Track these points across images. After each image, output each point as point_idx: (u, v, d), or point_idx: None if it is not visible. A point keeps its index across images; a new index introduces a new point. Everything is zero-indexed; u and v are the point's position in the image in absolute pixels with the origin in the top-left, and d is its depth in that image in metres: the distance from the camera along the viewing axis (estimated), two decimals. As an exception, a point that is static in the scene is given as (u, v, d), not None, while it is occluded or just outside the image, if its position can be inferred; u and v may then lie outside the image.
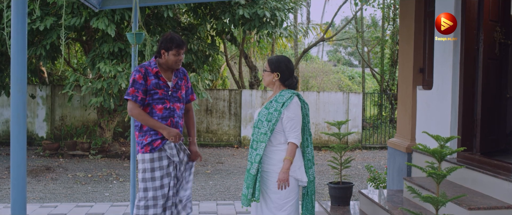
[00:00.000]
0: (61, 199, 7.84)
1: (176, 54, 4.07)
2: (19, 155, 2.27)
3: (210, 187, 8.91)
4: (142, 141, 4.07)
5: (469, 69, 5.09)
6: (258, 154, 3.73)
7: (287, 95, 3.77)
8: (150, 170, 4.03)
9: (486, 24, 5.00)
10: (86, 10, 9.81)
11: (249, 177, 3.76)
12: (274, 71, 3.86)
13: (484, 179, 4.43)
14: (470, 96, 5.10)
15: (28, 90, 13.62)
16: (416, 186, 4.84)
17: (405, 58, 6.18)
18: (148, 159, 4.03)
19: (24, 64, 2.30)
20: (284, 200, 3.74)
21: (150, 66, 4.09)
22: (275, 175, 3.73)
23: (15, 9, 2.30)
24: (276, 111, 3.72)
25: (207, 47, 11.69)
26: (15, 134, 2.28)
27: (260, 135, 3.74)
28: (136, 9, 5.52)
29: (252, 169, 3.74)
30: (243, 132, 14.69)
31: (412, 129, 5.95)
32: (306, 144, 3.90)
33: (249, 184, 3.76)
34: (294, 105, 3.75)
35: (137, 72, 4.05)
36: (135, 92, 4.00)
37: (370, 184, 6.74)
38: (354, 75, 28.67)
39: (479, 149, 4.99)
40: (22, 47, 2.28)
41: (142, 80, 4.01)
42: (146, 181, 4.03)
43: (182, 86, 4.24)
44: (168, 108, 4.08)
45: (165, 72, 4.14)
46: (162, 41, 4.10)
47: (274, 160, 3.74)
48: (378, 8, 16.54)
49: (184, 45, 4.13)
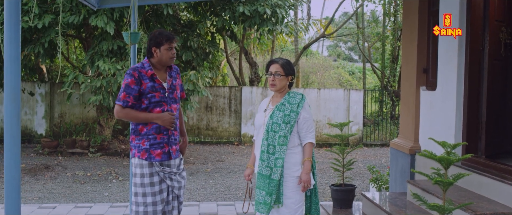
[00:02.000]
0: (60, 199, 7.77)
1: (169, 48, 3.90)
2: (13, 165, 2.21)
3: (210, 186, 8.84)
4: (139, 144, 3.91)
5: (474, 70, 5.00)
6: (278, 158, 3.66)
7: (299, 96, 3.76)
8: (148, 175, 3.89)
9: (491, 25, 4.90)
10: (85, 8, 9.71)
11: (272, 183, 3.66)
12: (288, 75, 3.82)
13: (490, 183, 4.35)
14: (475, 97, 5.01)
15: (27, 88, 13.54)
16: (420, 189, 4.76)
17: (408, 58, 6.09)
18: (146, 164, 3.89)
19: (18, 74, 2.22)
20: (297, 204, 3.72)
21: (144, 69, 3.89)
22: (290, 179, 3.69)
23: (8, 8, 2.23)
24: (293, 112, 3.69)
25: (207, 45, 11.60)
26: (8, 144, 2.21)
27: (280, 138, 3.67)
28: (134, 8, 5.43)
29: (275, 174, 3.65)
30: (244, 129, 14.61)
31: (416, 130, 5.86)
32: None
33: (271, 190, 3.66)
34: (308, 106, 3.78)
35: (130, 76, 3.84)
36: (126, 97, 3.82)
37: (372, 185, 6.66)
38: (354, 70, 28.59)
39: (484, 152, 4.90)
40: (15, 52, 2.20)
41: (135, 86, 3.82)
42: (144, 186, 3.88)
43: (177, 86, 4.09)
44: (166, 110, 3.93)
45: (159, 73, 3.96)
46: (151, 39, 3.92)
47: (289, 163, 3.70)
48: (379, 4, 16.44)
49: (174, 38, 3.97)
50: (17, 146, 2.22)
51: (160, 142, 3.90)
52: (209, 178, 9.56)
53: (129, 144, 4.13)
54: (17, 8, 2.19)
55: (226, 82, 18.12)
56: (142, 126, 3.91)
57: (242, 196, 8.06)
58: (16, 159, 2.21)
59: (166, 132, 3.94)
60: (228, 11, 10.75)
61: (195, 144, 14.30)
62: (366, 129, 15.42)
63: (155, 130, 3.90)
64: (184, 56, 10.91)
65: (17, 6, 2.21)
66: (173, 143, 4.00)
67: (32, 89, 13.66)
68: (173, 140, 4.01)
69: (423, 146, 5.73)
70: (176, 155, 4.02)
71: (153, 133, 3.89)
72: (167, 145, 3.94)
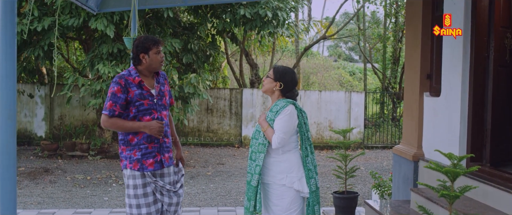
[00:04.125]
0: (59, 204, 7.70)
1: (157, 52, 3.80)
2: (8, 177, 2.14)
3: (211, 190, 8.77)
4: (130, 155, 3.79)
5: (479, 77, 4.93)
6: (257, 165, 3.68)
7: (281, 104, 3.69)
8: (141, 186, 3.77)
9: (496, 31, 4.84)
10: (85, 10, 9.64)
11: (250, 189, 3.72)
12: (277, 80, 3.75)
13: (495, 193, 4.28)
14: (480, 104, 4.94)
15: (27, 90, 13.48)
16: (424, 199, 4.70)
17: (411, 64, 6.02)
18: (138, 175, 3.77)
19: (14, 91, 2.15)
20: (285, 212, 3.66)
21: (130, 76, 3.77)
22: (275, 187, 3.68)
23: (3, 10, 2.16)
24: (270, 120, 3.68)
25: (207, 47, 11.52)
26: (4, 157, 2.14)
27: (258, 145, 3.70)
28: (135, 13, 5.36)
29: (253, 181, 3.69)
30: (244, 132, 14.54)
31: (419, 137, 5.79)
32: (306, 153, 3.76)
33: (250, 196, 3.72)
34: (286, 112, 3.65)
35: (116, 84, 3.71)
36: (113, 106, 3.71)
37: (374, 191, 6.59)
38: (354, 71, 28.50)
39: (489, 160, 4.84)
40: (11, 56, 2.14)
41: (122, 94, 3.70)
42: (138, 198, 3.76)
43: (165, 92, 3.98)
44: (156, 118, 3.82)
45: (146, 80, 3.85)
46: (138, 45, 3.80)
47: (273, 171, 3.69)
48: (380, 6, 16.36)
49: (161, 41, 3.88)
50: (13, 170, 2.15)
51: (151, 151, 3.80)
52: (209, 182, 9.49)
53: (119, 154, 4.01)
54: (12, 36, 2.11)
55: (227, 83, 18.05)
56: (132, 135, 3.79)
57: (243, 201, 7.99)
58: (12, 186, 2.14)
59: (157, 140, 3.83)
60: (229, 13, 10.67)
61: (196, 146, 14.24)
62: (367, 131, 15.35)
63: (146, 139, 3.79)
64: (184, 59, 10.83)
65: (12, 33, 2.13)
66: (165, 151, 3.89)
67: (32, 92, 13.59)
68: (165, 147, 3.89)
69: (426, 153, 5.67)
70: (169, 163, 3.92)
71: (144, 142, 3.79)
72: (158, 153, 3.84)
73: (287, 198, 3.64)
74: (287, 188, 3.64)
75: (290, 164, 3.67)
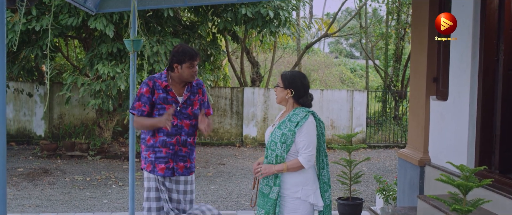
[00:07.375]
0: (58, 207, 7.58)
1: (190, 66, 3.85)
2: None
3: (212, 192, 8.66)
4: (146, 156, 3.94)
5: (488, 81, 4.81)
6: (277, 177, 3.48)
7: (302, 115, 3.49)
8: (154, 189, 3.95)
9: (506, 34, 4.71)
10: (84, 9, 9.50)
11: (269, 202, 3.51)
12: (287, 88, 3.55)
13: (505, 202, 4.17)
14: (489, 109, 4.82)
15: (26, 89, 13.36)
16: (431, 207, 4.58)
17: (417, 67, 5.89)
18: (152, 178, 3.94)
19: (3, 87, 2.03)
20: None
21: (159, 79, 3.91)
22: (289, 200, 3.51)
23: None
24: (290, 131, 3.45)
25: (208, 46, 11.39)
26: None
27: (276, 157, 3.48)
28: (135, 14, 5.23)
29: (272, 193, 3.49)
30: (245, 131, 14.41)
31: (425, 141, 5.66)
32: (322, 165, 3.62)
33: (268, 210, 3.51)
34: (308, 125, 3.48)
35: (145, 85, 3.88)
36: (142, 106, 3.86)
37: (379, 196, 6.47)
38: (356, 68, 28.36)
39: (498, 166, 4.72)
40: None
41: (150, 94, 3.85)
42: (150, 201, 3.95)
43: (194, 102, 3.99)
44: (175, 125, 3.86)
45: (176, 87, 3.93)
46: (174, 54, 3.87)
47: (288, 184, 3.50)
48: (383, 4, 16.20)
49: (198, 56, 3.91)
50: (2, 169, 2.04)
51: (165, 156, 3.89)
52: (210, 183, 9.38)
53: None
54: (1, 35, 2.00)
55: (227, 82, 17.91)
56: (150, 137, 3.91)
57: (245, 204, 7.88)
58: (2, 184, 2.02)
59: (173, 147, 3.89)
60: (230, 12, 10.53)
61: (196, 146, 14.09)
62: (369, 130, 15.22)
63: (161, 142, 3.88)
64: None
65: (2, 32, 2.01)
66: (180, 159, 3.96)
67: (31, 90, 13.46)
68: (181, 156, 3.96)
69: (433, 158, 5.55)
70: (184, 172, 4.00)
71: (159, 146, 3.89)
72: (172, 160, 3.91)
73: (300, 211, 3.48)
74: (302, 202, 3.48)
75: (306, 177, 3.51)
